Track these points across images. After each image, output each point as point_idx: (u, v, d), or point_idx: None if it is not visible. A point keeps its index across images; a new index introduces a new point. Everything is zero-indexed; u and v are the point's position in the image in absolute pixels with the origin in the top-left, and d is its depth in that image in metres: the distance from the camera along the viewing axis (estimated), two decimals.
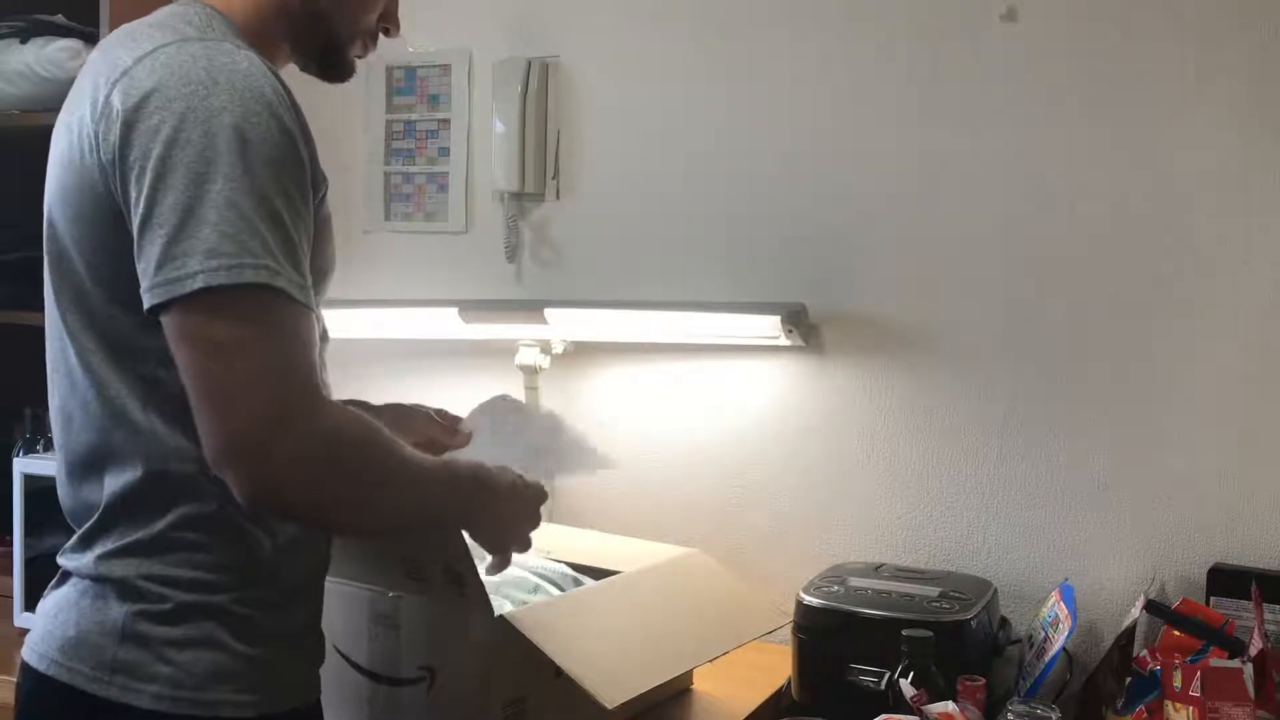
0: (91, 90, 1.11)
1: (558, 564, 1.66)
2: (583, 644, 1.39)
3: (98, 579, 1.14)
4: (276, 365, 1.03)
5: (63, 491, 1.20)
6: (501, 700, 1.37)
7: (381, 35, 1.32)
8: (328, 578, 1.27)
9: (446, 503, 1.23)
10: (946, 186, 1.86)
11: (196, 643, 1.12)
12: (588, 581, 1.62)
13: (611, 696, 1.31)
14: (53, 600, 1.18)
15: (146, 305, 1.04)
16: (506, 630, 1.33)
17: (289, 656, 1.19)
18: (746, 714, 1.60)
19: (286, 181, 1.06)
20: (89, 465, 1.16)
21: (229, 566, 1.14)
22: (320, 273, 1.19)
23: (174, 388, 1.07)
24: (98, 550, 1.14)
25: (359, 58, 1.31)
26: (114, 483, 1.14)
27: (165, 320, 1.04)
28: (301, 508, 1.09)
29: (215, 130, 1.03)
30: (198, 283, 1.01)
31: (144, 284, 1.04)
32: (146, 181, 1.04)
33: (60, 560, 1.19)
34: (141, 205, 1.04)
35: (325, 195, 1.17)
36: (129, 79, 1.07)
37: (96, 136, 1.08)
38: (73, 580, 1.17)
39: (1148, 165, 1.75)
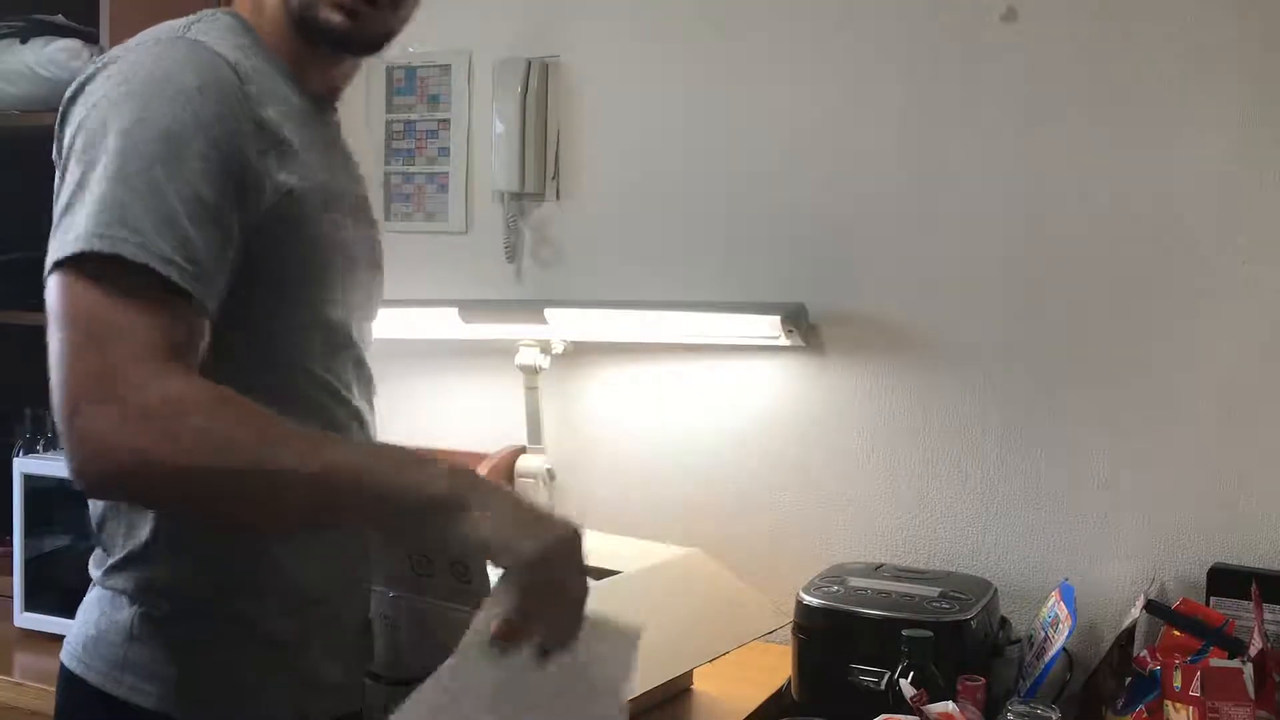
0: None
1: None
2: None
3: (110, 587, 1.16)
4: (116, 334, 0.97)
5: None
6: None
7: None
8: None
9: (341, 498, 0.99)
10: (946, 186, 1.86)
11: (199, 646, 1.13)
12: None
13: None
14: (84, 602, 1.20)
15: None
16: None
17: (294, 661, 1.18)
18: (746, 714, 1.60)
19: (191, 167, 1.03)
20: None
21: (218, 571, 1.14)
22: (314, 280, 1.16)
23: None
24: (105, 565, 1.17)
25: (337, 24, 1.19)
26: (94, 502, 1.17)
27: (47, 293, 1.03)
28: (128, 490, 1.01)
29: (115, 113, 1.03)
30: (71, 248, 0.99)
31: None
32: (61, 172, 1.07)
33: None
34: (57, 194, 1.06)
35: (295, 198, 1.12)
36: (86, 80, 1.10)
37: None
38: (95, 583, 1.20)
39: (1148, 165, 1.75)
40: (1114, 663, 1.58)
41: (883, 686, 1.43)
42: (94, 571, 1.19)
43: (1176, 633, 1.54)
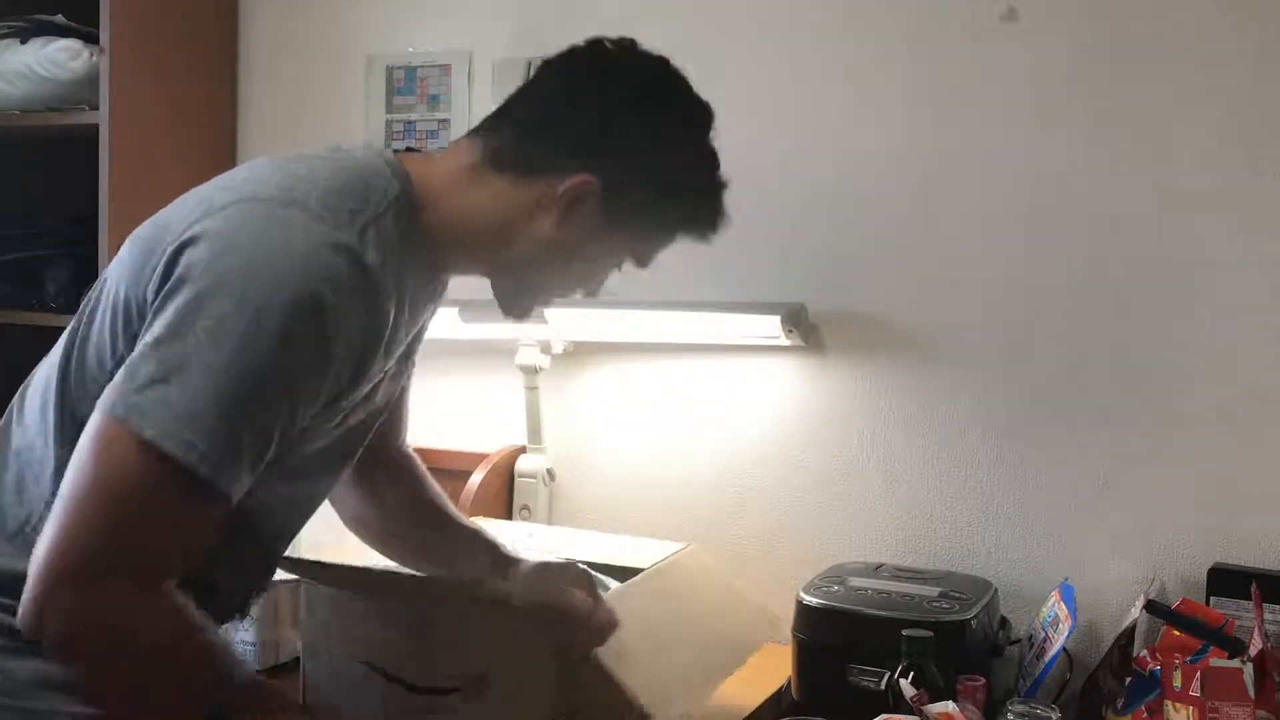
0: (218, 190, 1.11)
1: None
2: (640, 663, 1.39)
3: None
4: (142, 544, 1.01)
5: None
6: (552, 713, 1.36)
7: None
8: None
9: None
10: (947, 186, 1.86)
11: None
12: (609, 581, 1.61)
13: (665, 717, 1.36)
14: None
15: (99, 404, 1.02)
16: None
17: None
18: (746, 714, 1.59)
19: (296, 390, 1.04)
20: (11, 449, 1.17)
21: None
22: (323, 429, 1.16)
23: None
24: None
25: (544, 307, 1.31)
26: (3, 488, 1.15)
27: (96, 422, 1.01)
28: (54, 649, 1.05)
29: (249, 314, 1.00)
30: (150, 432, 0.98)
31: (113, 388, 1.02)
32: (175, 311, 1.02)
33: None
34: (158, 329, 1.02)
35: (351, 396, 1.14)
36: (224, 214, 1.06)
37: (170, 245, 1.07)
38: None
39: (1148, 165, 1.75)
40: (1114, 663, 1.58)
41: (883, 686, 1.43)
42: None
43: (1176, 633, 1.54)
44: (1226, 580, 1.63)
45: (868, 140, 1.90)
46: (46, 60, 2.19)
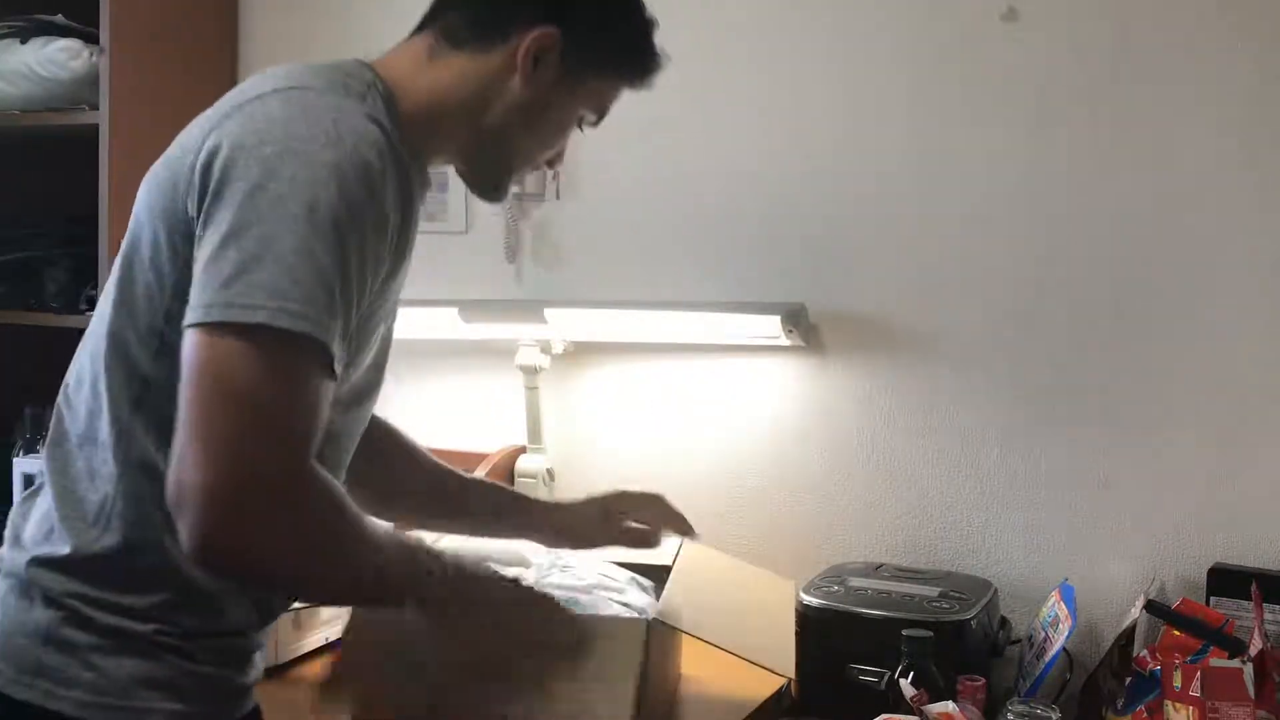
0: (222, 107, 1.11)
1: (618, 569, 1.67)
2: (732, 630, 1.49)
3: (27, 581, 1.12)
4: (282, 426, 1.00)
5: (45, 456, 1.18)
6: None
7: (545, 167, 1.34)
8: None
9: (405, 589, 1.16)
10: (946, 186, 1.86)
11: (121, 650, 1.10)
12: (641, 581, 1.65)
13: (785, 668, 1.52)
14: None
15: (190, 319, 1.00)
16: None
17: (219, 666, 1.16)
18: (746, 714, 1.59)
19: (366, 252, 1.05)
20: (72, 444, 1.14)
21: (159, 600, 1.11)
22: (366, 342, 1.18)
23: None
24: (32, 553, 1.12)
25: (515, 186, 1.33)
26: (74, 475, 1.13)
27: (196, 337, 0.99)
28: (254, 574, 1.05)
29: (316, 179, 1.01)
30: (259, 316, 0.97)
31: (198, 297, 1.00)
32: (234, 203, 1.01)
33: None
34: (224, 225, 1.01)
35: (397, 276, 1.16)
36: (259, 104, 1.07)
37: (202, 150, 1.06)
38: (1, 575, 1.15)
39: (1148, 165, 1.75)
40: (1114, 663, 1.58)
41: (883, 686, 1.43)
42: (14, 553, 1.14)
43: (1176, 633, 1.54)
44: (1226, 580, 1.63)
45: (868, 140, 1.91)
46: (46, 60, 2.19)
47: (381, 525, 1.18)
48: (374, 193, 1.04)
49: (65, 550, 1.10)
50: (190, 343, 1.00)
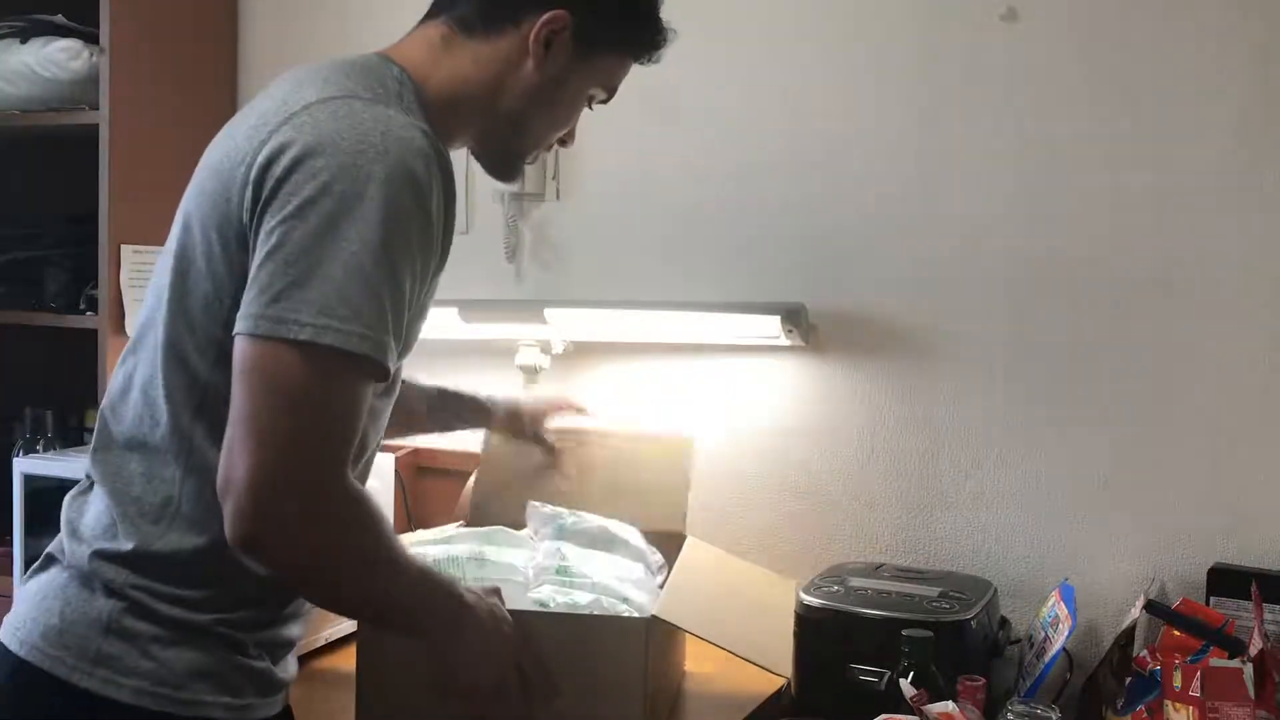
0: (265, 114, 1.13)
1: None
2: (730, 628, 1.50)
3: (89, 572, 1.15)
4: (325, 432, 1.05)
5: (90, 461, 1.21)
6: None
7: (557, 145, 1.37)
8: None
9: (417, 608, 1.19)
10: (946, 186, 1.86)
11: (179, 641, 1.14)
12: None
13: (783, 667, 1.52)
14: (37, 585, 1.19)
15: (240, 329, 1.05)
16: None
17: (267, 661, 1.21)
18: (746, 714, 1.59)
19: (415, 260, 1.09)
20: (120, 447, 1.18)
21: (217, 594, 1.16)
22: (412, 341, 1.22)
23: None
24: (94, 546, 1.15)
25: (529, 164, 1.36)
26: (128, 477, 1.16)
27: (247, 346, 1.05)
28: (281, 568, 1.09)
29: (365, 194, 1.05)
30: (304, 334, 1.03)
31: (248, 308, 1.05)
32: (286, 217, 1.05)
33: (53, 548, 1.20)
34: (274, 237, 1.05)
35: (438, 268, 1.20)
36: (309, 115, 1.09)
37: (256, 160, 1.09)
38: (60, 567, 1.18)
39: (1148, 164, 1.75)
40: (1114, 663, 1.58)
41: (883, 686, 1.43)
42: (68, 547, 1.18)
43: (1176, 633, 1.54)
44: (1226, 580, 1.63)
45: (868, 140, 1.91)
46: (46, 60, 2.19)
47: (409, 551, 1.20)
48: (421, 202, 1.08)
49: (129, 546, 1.14)
50: (240, 348, 1.05)
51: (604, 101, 1.34)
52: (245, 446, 1.03)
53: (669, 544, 1.70)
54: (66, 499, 1.23)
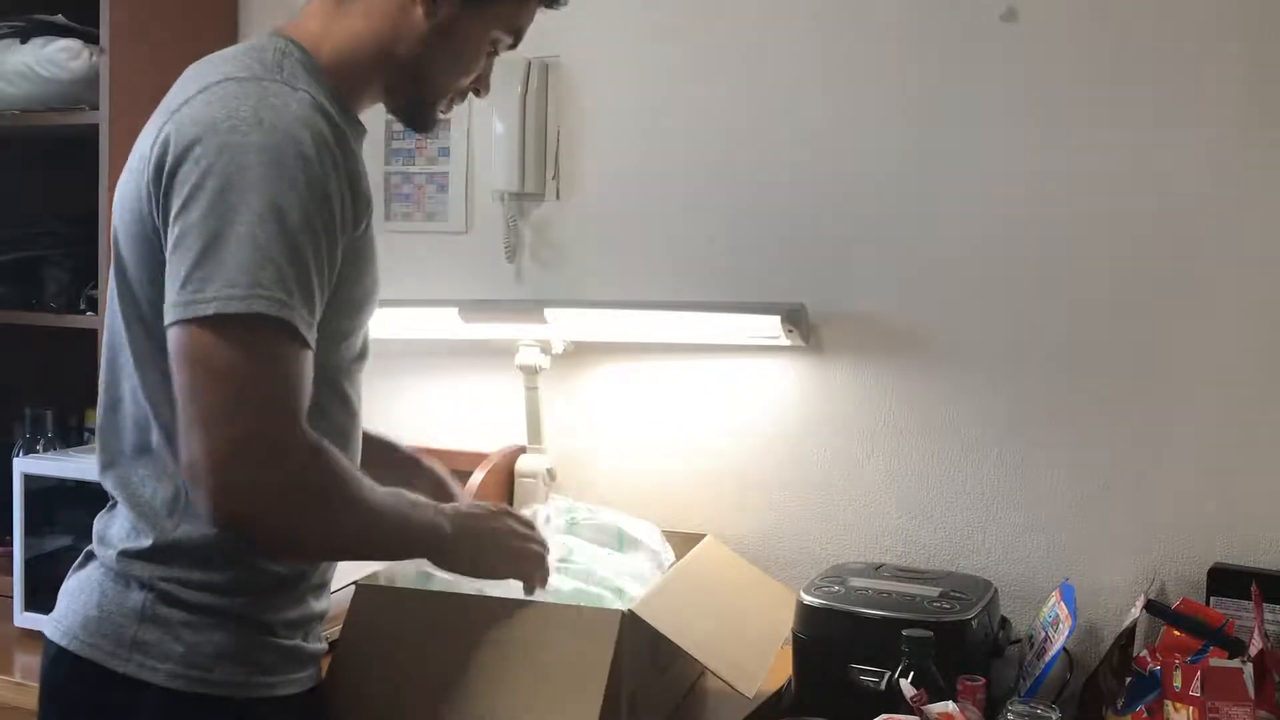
0: (160, 115, 1.19)
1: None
2: (708, 637, 1.48)
3: (119, 570, 1.22)
4: (263, 396, 1.09)
5: (101, 480, 1.28)
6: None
7: (472, 95, 1.37)
8: None
9: (409, 536, 1.27)
10: (946, 186, 1.86)
11: (208, 625, 1.21)
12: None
13: (749, 687, 1.46)
14: (76, 581, 1.27)
15: (166, 322, 1.10)
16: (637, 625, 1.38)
17: (297, 642, 1.27)
18: (746, 714, 1.59)
19: (313, 219, 1.11)
20: (126, 458, 1.25)
21: (239, 576, 1.22)
22: (366, 296, 1.26)
23: None
24: (119, 547, 1.22)
25: (444, 114, 1.37)
26: (136, 484, 1.23)
27: (172, 336, 1.10)
28: (264, 535, 1.13)
29: (245, 165, 1.09)
30: (211, 308, 1.07)
31: (167, 301, 1.11)
32: (181, 209, 1.10)
33: (90, 547, 1.28)
34: (176, 229, 1.11)
35: (369, 223, 1.23)
36: (189, 108, 1.14)
37: (150, 160, 1.15)
38: (97, 563, 1.26)
39: (1148, 165, 1.75)
40: (1114, 663, 1.58)
41: (883, 686, 1.43)
42: (103, 549, 1.25)
43: (1176, 633, 1.54)
44: (1226, 580, 1.63)
45: (868, 140, 1.91)
46: (46, 60, 2.19)
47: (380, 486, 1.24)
48: (305, 163, 1.11)
49: (148, 542, 1.21)
50: (170, 341, 1.10)
51: (511, 47, 1.35)
52: (194, 430, 1.08)
53: (687, 545, 1.73)
54: (97, 517, 1.30)
